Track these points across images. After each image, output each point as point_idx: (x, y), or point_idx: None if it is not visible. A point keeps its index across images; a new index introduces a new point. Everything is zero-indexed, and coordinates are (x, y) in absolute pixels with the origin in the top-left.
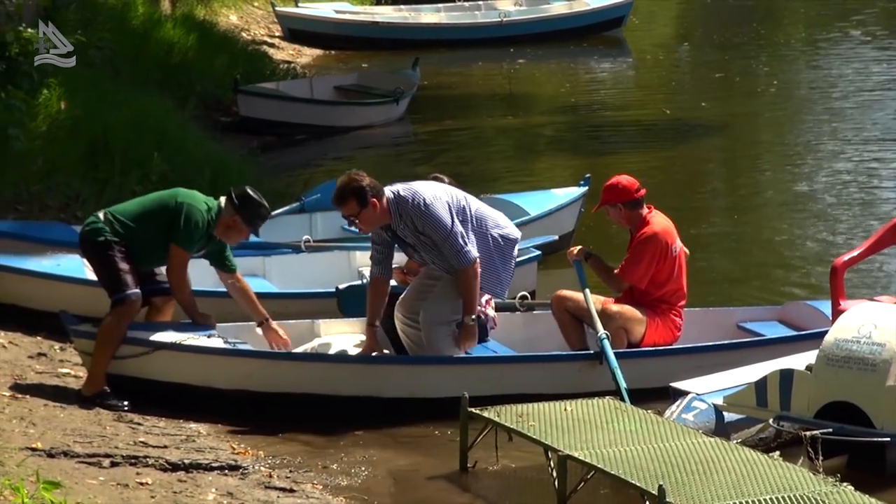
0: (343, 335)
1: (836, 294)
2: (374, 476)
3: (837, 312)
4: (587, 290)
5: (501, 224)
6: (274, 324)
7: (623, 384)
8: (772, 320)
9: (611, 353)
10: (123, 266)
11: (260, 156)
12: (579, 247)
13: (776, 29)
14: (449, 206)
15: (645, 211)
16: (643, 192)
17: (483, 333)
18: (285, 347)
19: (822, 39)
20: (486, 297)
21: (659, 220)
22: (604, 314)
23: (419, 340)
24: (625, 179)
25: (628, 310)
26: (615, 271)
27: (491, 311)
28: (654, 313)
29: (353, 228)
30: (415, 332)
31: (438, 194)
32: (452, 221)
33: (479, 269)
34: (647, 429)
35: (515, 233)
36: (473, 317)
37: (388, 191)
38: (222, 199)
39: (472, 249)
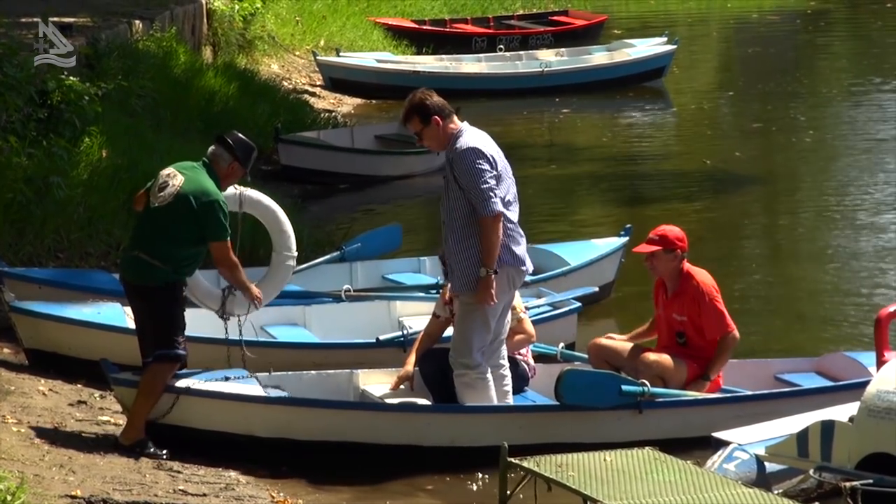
0: (383, 385)
1: (880, 346)
2: None
3: (881, 364)
4: None
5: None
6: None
7: None
8: (809, 371)
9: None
10: (180, 320)
11: (300, 204)
12: None
13: (818, 79)
14: (492, 160)
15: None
16: None
17: (522, 383)
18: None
19: (861, 90)
20: (526, 347)
21: (702, 271)
22: (642, 363)
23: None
24: (679, 230)
25: (665, 358)
26: (717, 338)
27: (531, 361)
28: (693, 361)
29: (396, 281)
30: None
31: (487, 147)
32: (486, 172)
33: (500, 225)
34: (686, 479)
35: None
36: (490, 270)
37: (462, 124)
38: (210, 151)
39: (500, 204)
